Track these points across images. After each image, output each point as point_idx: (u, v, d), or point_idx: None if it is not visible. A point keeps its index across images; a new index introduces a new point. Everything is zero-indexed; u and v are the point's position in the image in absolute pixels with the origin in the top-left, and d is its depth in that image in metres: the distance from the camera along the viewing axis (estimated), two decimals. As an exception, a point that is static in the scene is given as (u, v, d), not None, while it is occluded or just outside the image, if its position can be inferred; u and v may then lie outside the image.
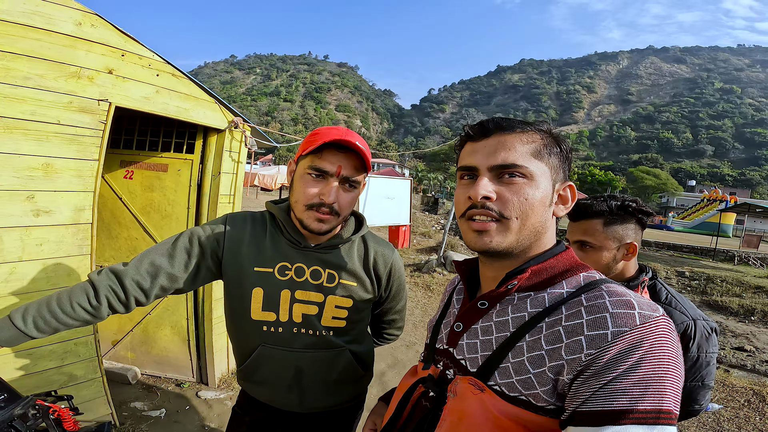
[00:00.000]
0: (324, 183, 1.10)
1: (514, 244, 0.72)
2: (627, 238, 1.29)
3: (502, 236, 0.71)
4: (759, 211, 17.73)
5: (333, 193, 1.09)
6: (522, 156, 0.71)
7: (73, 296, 1.03)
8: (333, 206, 1.10)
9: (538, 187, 0.71)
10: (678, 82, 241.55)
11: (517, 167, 0.70)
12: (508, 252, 0.73)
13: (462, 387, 0.71)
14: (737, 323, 6.56)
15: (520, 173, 0.71)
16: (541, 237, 0.74)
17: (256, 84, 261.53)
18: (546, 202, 0.73)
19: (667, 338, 0.58)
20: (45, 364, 1.92)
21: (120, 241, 3.00)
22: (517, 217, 0.70)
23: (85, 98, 1.90)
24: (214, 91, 2.67)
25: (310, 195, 1.09)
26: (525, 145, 0.72)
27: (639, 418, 0.53)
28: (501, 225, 0.71)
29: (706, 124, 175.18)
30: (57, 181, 1.86)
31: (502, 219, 0.71)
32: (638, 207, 1.30)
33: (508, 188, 0.71)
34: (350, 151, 1.10)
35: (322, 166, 1.08)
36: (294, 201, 1.14)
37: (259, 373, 1.23)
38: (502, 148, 0.72)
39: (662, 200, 63.71)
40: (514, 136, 0.72)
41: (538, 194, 0.71)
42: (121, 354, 3.15)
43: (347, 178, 1.11)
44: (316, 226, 1.11)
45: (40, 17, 1.73)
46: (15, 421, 0.98)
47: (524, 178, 0.71)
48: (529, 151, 0.72)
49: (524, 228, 0.71)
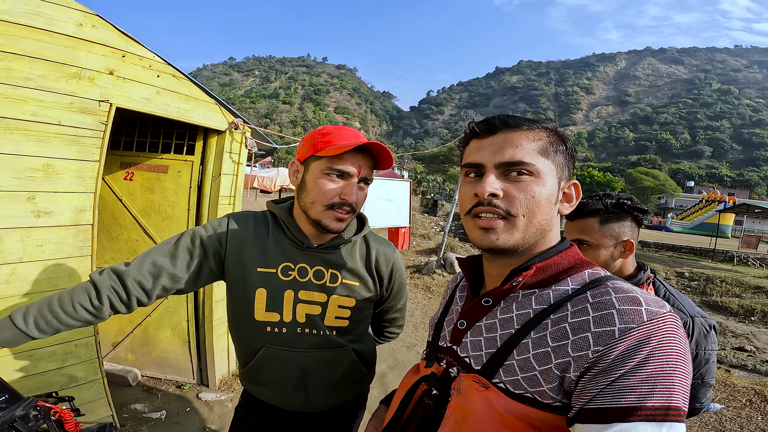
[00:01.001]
0: (345, 183, 1.11)
1: (521, 241, 0.71)
2: (623, 236, 1.30)
3: (509, 234, 0.71)
4: (758, 212, 17.77)
5: (355, 193, 1.12)
6: (529, 153, 0.71)
7: (74, 296, 1.02)
8: (353, 205, 1.13)
9: (545, 185, 0.71)
10: (676, 83, 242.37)
11: (524, 165, 0.70)
12: (513, 250, 0.72)
13: (466, 385, 0.70)
14: (737, 323, 6.57)
15: (527, 171, 0.70)
16: (546, 234, 0.74)
17: (254, 86, 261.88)
18: (552, 200, 0.73)
19: (675, 334, 0.58)
20: (46, 366, 1.91)
21: (120, 243, 3.00)
22: (524, 214, 0.70)
23: (86, 99, 1.89)
24: (212, 93, 2.67)
25: (331, 195, 1.10)
26: (532, 142, 0.72)
27: (648, 415, 0.53)
28: (508, 222, 0.70)
29: (704, 125, 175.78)
30: (58, 182, 1.86)
31: (509, 216, 0.70)
32: (633, 205, 1.31)
33: (515, 186, 0.70)
34: (366, 152, 1.13)
35: (344, 167, 1.09)
36: (310, 202, 1.13)
37: (264, 374, 1.23)
38: (509, 146, 0.71)
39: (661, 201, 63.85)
40: (521, 133, 0.72)
41: (544, 192, 0.71)
42: (121, 356, 3.14)
43: (366, 179, 1.15)
44: (336, 225, 1.13)
45: (42, 18, 1.73)
46: (16, 422, 0.98)
47: (531, 176, 0.70)
48: (536, 149, 0.71)
49: (531, 226, 0.71)
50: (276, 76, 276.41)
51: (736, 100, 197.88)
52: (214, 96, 2.62)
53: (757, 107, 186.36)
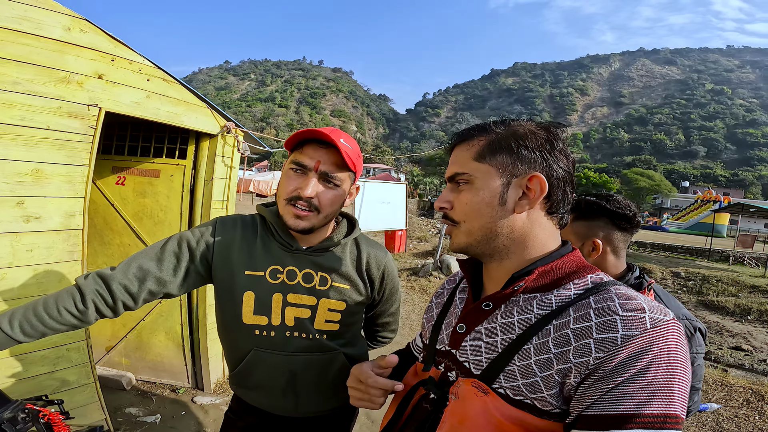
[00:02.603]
0: (303, 177, 1.10)
1: (472, 243, 0.76)
2: (592, 236, 1.28)
3: (459, 238, 0.77)
4: (752, 211, 17.86)
5: (311, 187, 1.09)
6: (464, 163, 0.76)
7: (59, 301, 1.01)
8: (312, 201, 1.09)
9: (479, 189, 0.73)
10: (669, 83, 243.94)
11: (459, 175, 0.76)
12: (465, 251, 0.78)
13: (465, 389, 0.70)
14: (734, 323, 6.59)
15: (463, 180, 0.75)
16: (498, 237, 0.73)
17: (250, 90, 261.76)
18: (494, 202, 0.72)
19: (676, 343, 0.58)
20: (37, 370, 1.90)
21: (112, 248, 2.98)
22: (464, 220, 0.75)
23: (74, 103, 1.89)
24: (208, 97, 2.67)
25: (289, 189, 1.10)
26: (467, 150, 0.76)
27: (646, 422, 0.53)
28: (456, 228, 0.77)
29: (698, 126, 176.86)
30: (47, 187, 1.85)
31: (455, 223, 0.77)
32: (607, 206, 1.28)
33: (456, 195, 0.77)
34: (332, 148, 1.10)
35: (302, 160, 1.09)
36: (277, 197, 1.16)
37: (253, 378, 1.22)
38: (454, 159, 0.79)
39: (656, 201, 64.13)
40: (463, 145, 0.78)
41: (479, 196, 0.73)
42: (115, 360, 3.12)
43: (326, 174, 1.10)
44: (294, 222, 1.10)
45: (29, 22, 1.72)
46: (4, 425, 0.98)
47: (467, 184, 0.75)
48: (471, 156, 0.75)
49: (474, 230, 0.75)
50: (272, 79, 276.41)
51: (729, 100, 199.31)
52: (205, 99, 2.61)
53: (751, 107, 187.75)
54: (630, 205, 1.32)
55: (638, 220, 1.33)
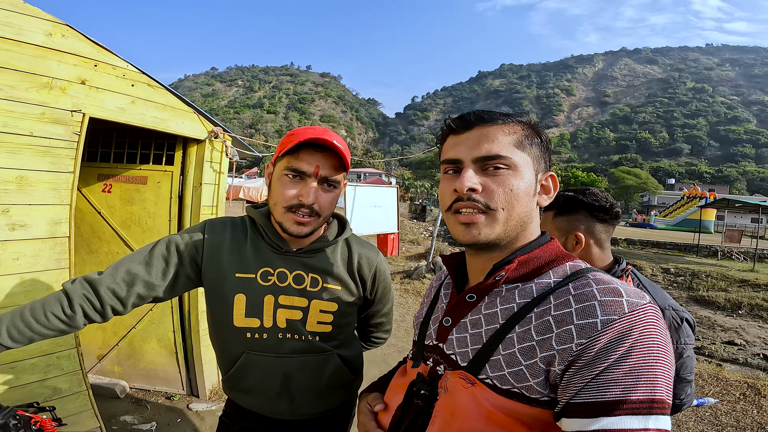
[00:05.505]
0: (302, 184, 1.08)
1: (502, 235, 0.71)
2: (574, 230, 1.30)
3: (490, 228, 0.71)
4: (738, 207, 18.14)
5: (312, 194, 1.07)
6: (505, 147, 0.71)
7: (46, 306, 1.00)
8: (313, 207, 1.09)
9: (522, 178, 0.71)
10: (651, 82, 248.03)
11: (501, 158, 0.70)
12: (495, 243, 0.72)
13: (452, 382, 0.70)
14: (725, 317, 6.67)
15: (504, 164, 0.71)
16: (527, 227, 0.74)
17: (238, 96, 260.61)
18: (530, 192, 0.73)
19: (655, 326, 0.59)
20: (27, 378, 1.86)
21: (100, 256, 2.94)
22: (504, 208, 0.70)
23: (57, 109, 1.86)
24: (195, 104, 2.64)
25: (288, 197, 1.08)
26: (507, 136, 0.72)
27: (632, 408, 0.54)
28: (488, 217, 0.70)
29: (681, 123, 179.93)
30: (32, 195, 1.82)
31: (488, 210, 0.70)
32: (585, 200, 1.31)
33: (493, 179, 0.71)
34: (328, 150, 1.09)
35: (300, 166, 1.07)
36: (273, 204, 1.12)
37: (246, 381, 1.20)
38: (486, 140, 0.71)
39: (644, 199, 65.03)
40: (496, 127, 0.73)
41: (522, 185, 0.71)
42: (107, 368, 3.07)
43: (326, 178, 1.10)
44: (296, 229, 1.09)
45: (10, 28, 1.70)
46: (-5, 431, 0.96)
47: (508, 169, 0.71)
48: (512, 142, 0.72)
49: (511, 219, 0.71)
50: (260, 85, 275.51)
51: (710, 98, 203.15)
52: (192, 105, 2.60)
53: (732, 104, 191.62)
54: (607, 197, 1.34)
55: (617, 211, 1.35)
